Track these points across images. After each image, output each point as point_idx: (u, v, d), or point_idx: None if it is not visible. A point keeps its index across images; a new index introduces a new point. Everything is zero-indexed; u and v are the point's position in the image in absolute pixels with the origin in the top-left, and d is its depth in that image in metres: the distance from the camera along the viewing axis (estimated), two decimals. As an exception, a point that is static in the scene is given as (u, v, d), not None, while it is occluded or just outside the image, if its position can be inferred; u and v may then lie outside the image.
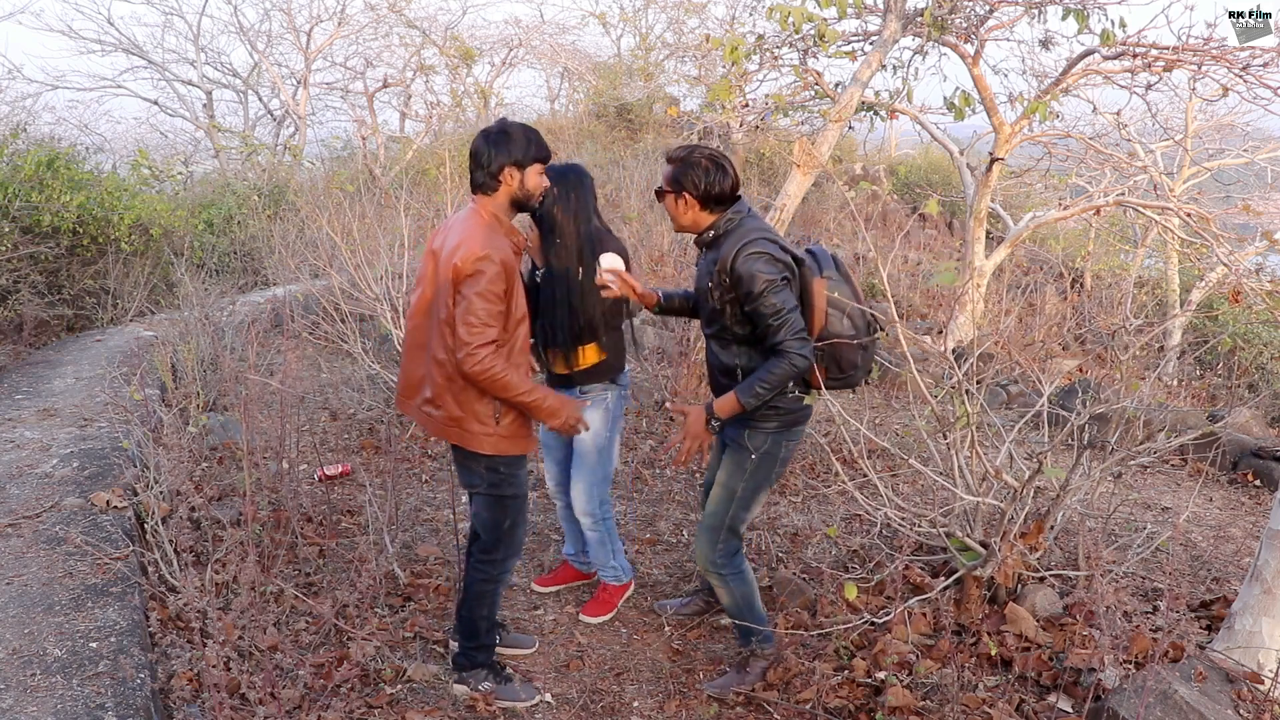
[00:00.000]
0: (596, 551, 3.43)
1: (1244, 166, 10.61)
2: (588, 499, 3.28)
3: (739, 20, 10.30)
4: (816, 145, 5.96)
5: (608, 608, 3.48)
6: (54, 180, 6.61)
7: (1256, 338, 9.27)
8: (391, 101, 17.20)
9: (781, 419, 2.79)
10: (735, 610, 2.99)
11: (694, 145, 2.77)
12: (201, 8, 19.84)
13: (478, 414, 2.61)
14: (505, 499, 2.74)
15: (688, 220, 2.77)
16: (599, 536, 3.37)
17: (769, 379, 2.63)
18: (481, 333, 2.47)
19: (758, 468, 2.83)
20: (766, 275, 2.59)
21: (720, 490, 2.89)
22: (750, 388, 2.65)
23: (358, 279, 5.40)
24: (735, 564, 2.94)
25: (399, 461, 4.58)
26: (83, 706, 2.37)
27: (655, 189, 2.83)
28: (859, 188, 13.06)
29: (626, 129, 15.33)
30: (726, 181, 2.72)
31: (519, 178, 2.56)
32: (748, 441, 2.81)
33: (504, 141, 2.53)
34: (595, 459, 3.23)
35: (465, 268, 2.47)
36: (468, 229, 2.55)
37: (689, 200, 2.72)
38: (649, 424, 5.55)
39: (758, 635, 2.99)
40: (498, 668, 2.92)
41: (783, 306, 2.60)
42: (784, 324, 2.60)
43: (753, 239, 2.65)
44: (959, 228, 13.08)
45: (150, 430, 4.11)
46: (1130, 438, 3.49)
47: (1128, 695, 2.50)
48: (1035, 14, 6.61)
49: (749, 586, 2.98)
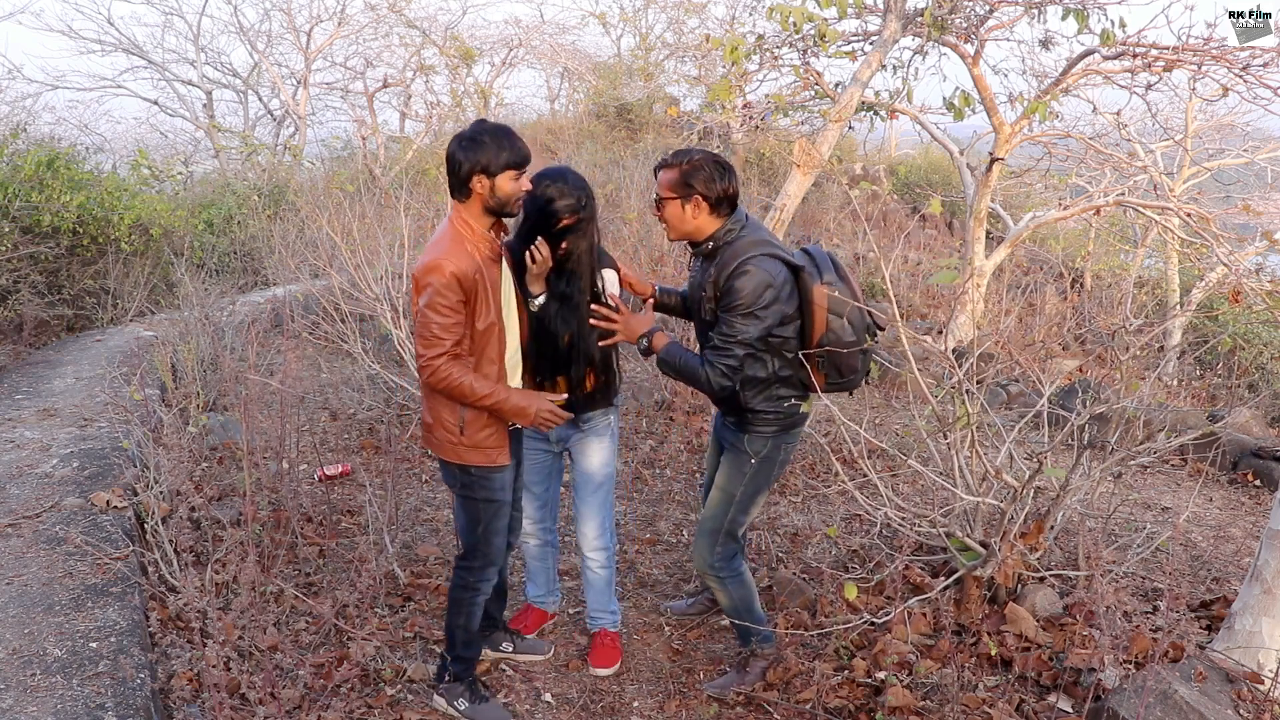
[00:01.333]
0: (600, 594, 3.18)
1: (1244, 166, 10.60)
2: (599, 532, 3.08)
3: (739, 20, 10.30)
4: (816, 145, 5.96)
5: (615, 656, 3.21)
6: (54, 180, 6.61)
7: (1256, 338, 9.27)
8: (391, 101, 17.20)
9: (780, 423, 2.79)
10: (734, 612, 2.99)
11: (687, 149, 2.72)
12: (201, 8, 19.84)
13: (443, 422, 2.62)
14: (477, 501, 2.70)
15: (692, 226, 2.69)
16: (607, 576, 3.15)
17: (683, 366, 2.67)
18: (431, 344, 2.47)
19: (757, 471, 2.82)
20: (748, 297, 2.56)
21: (719, 494, 2.88)
22: (673, 357, 2.69)
23: (358, 279, 5.40)
24: (733, 567, 2.94)
25: (399, 461, 4.58)
26: (83, 706, 2.38)
27: (654, 198, 2.73)
28: (859, 188, 13.06)
29: (626, 129, 15.33)
30: (733, 181, 2.68)
31: (489, 185, 2.49)
32: (746, 445, 2.81)
33: (473, 148, 2.46)
34: (604, 491, 3.06)
35: (420, 279, 2.48)
36: (434, 239, 2.55)
37: (699, 203, 2.65)
38: (649, 424, 5.55)
39: (757, 636, 2.99)
40: (476, 686, 2.86)
41: (737, 334, 2.58)
42: (726, 350, 2.60)
43: (749, 256, 2.59)
44: (959, 228, 13.08)
45: (150, 430, 4.11)
46: (1130, 438, 3.49)
47: (1128, 695, 2.50)
48: (1035, 14, 6.61)
49: (747, 589, 2.98)
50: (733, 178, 2.68)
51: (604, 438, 3.02)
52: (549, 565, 3.35)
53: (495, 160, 2.47)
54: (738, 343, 2.59)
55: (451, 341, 2.48)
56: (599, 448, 3.01)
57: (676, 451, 5.18)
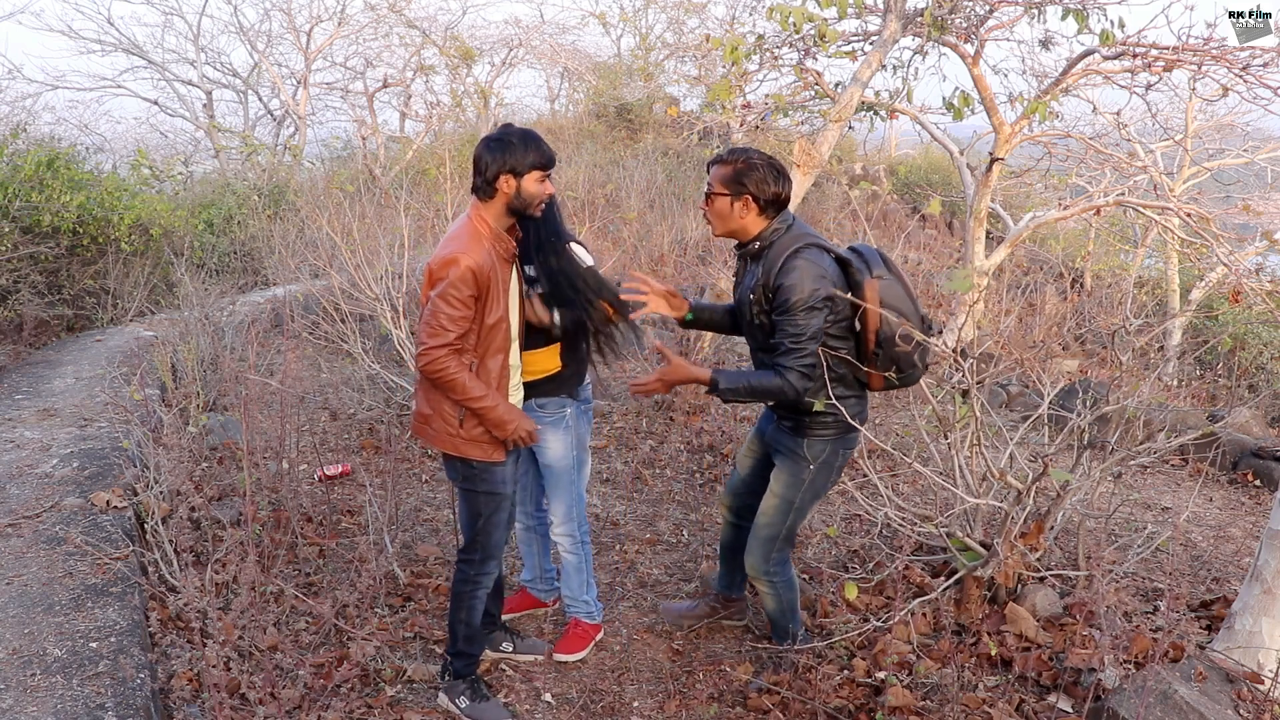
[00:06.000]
0: (571, 579, 3.22)
1: (1244, 166, 10.59)
2: (565, 518, 3.13)
3: (739, 20, 10.29)
4: (816, 145, 5.96)
5: (581, 644, 3.25)
6: (54, 180, 6.61)
7: (1256, 338, 9.27)
8: (391, 101, 17.20)
9: (839, 426, 2.73)
10: (779, 614, 3.02)
11: (744, 148, 2.70)
12: (201, 8, 19.83)
13: (443, 413, 2.63)
14: (478, 494, 2.73)
15: (738, 225, 2.67)
16: (576, 560, 3.19)
17: (756, 385, 2.59)
18: (438, 334, 2.50)
19: (815, 477, 2.78)
20: (803, 291, 2.51)
21: (777, 501, 2.84)
22: (737, 382, 2.61)
23: (358, 279, 5.40)
24: (786, 572, 2.95)
25: (399, 461, 4.58)
26: (83, 706, 2.38)
27: (706, 192, 2.70)
28: (859, 187, 13.06)
29: (626, 129, 15.34)
30: (786, 186, 2.66)
31: (516, 185, 2.55)
32: (806, 451, 2.75)
33: (502, 149, 2.53)
34: (566, 479, 3.09)
35: (435, 271, 2.52)
36: (452, 233, 2.58)
37: (748, 203, 2.63)
38: (649, 424, 5.55)
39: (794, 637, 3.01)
40: (478, 684, 2.87)
41: (805, 331, 2.53)
42: (799, 350, 2.54)
43: (799, 248, 2.57)
44: (959, 228, 13.09)
45: (150, 430, 4.10)
46: (1130, 438, 3.49)
47: (1128, 695, 2.50)
48: (1035, 14, 6.60)
49: (795, 592, 3.01)
50: (786, 183, 2.66)
51: (559, 430, 3.01)
52: (535, 551, 3.41)
53: (523, 161, 2.53)
54: (808, 339, 2.54)
55: (456, 335, 2.51)
56: (554, 440, 3.01)
57: (676, 451, 5.18)
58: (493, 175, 2.53)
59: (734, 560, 3.29)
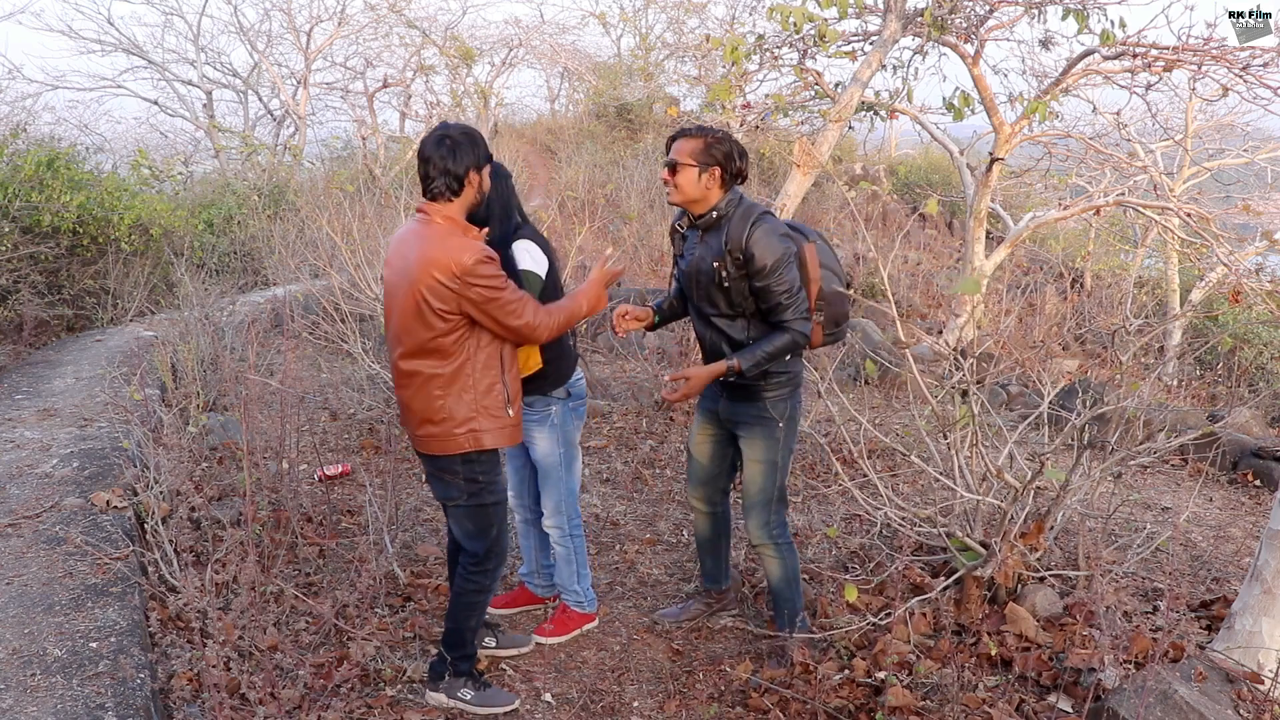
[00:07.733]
0: (562, 569, 3.27)
1: (1244, 166, 10.60)
2: (554, 510, 3.18)
3: (739, 20, 10.30)
4: (816, 145, 5.96)
5: (564, 629, 3.29)
6: (54, 180, 6.61)
7: (1256, 338, 9.27)
8: (391, 101, 17.23)
9: (792, 381, 2.95)
10: (784, 584, 3.07)
11: (708, 126, 2.87)
12: (201, 8, 19.79)
13: (454, 414, 2.60)
14: (487, 507, 2.73)
15: (700, 195, 2.81)
16: (566, 552, 3.23)
17: (772, 350, 2.78)
18: (521, 311, 2.57)
19: (787, 433, 2.96)
20: (778, 253, 2.72)
21: (761, 465, 2.96)
22: (754, 355, 2.78)
23: (358, 279, 5.40)
24: (787, 533, 3.06)
25: (399, 461, 4.58)
26: (83, 706, 2.37)
27: (670, 162, 2.81)
28: (859, 188, 13.07)
29: (626, 129, 15.35)
30: (746, 163, 2.85)
31: (478, 179, 2.61)
32: (772, 411, 2.91)
33: (466, 145, 2.57)
34: (555, 475, 3.13)
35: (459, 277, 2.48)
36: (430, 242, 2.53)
37: (716, 175, 2.79)
38: (649, 424, 5.55)
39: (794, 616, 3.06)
40: (477, 675, 2.90)
41: (792, 285, 2.76)
42: (794, 302, 2.77)
43: (760, 216, 2.78)
44: (959, 228, 13.09)
45: (150, 430, 4.10)
46: (1130, 438, 3.49)
47: (1128, 695, 2.50)
48: (1035, 14, 6.61)
49: (796, 557, 3.10)
50: (746, 159, 2.86)
51: (544, 427, 3.05)
52: (534, 545, 3.43)
53: (481, 155, 2.62)
54: (795, 291, 2.77)
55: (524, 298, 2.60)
56: (540, 437, 3.07)
57: (676, 451, 5.18)
58: (463, 171, 2.56)
59: (716, 549, 3.40)
